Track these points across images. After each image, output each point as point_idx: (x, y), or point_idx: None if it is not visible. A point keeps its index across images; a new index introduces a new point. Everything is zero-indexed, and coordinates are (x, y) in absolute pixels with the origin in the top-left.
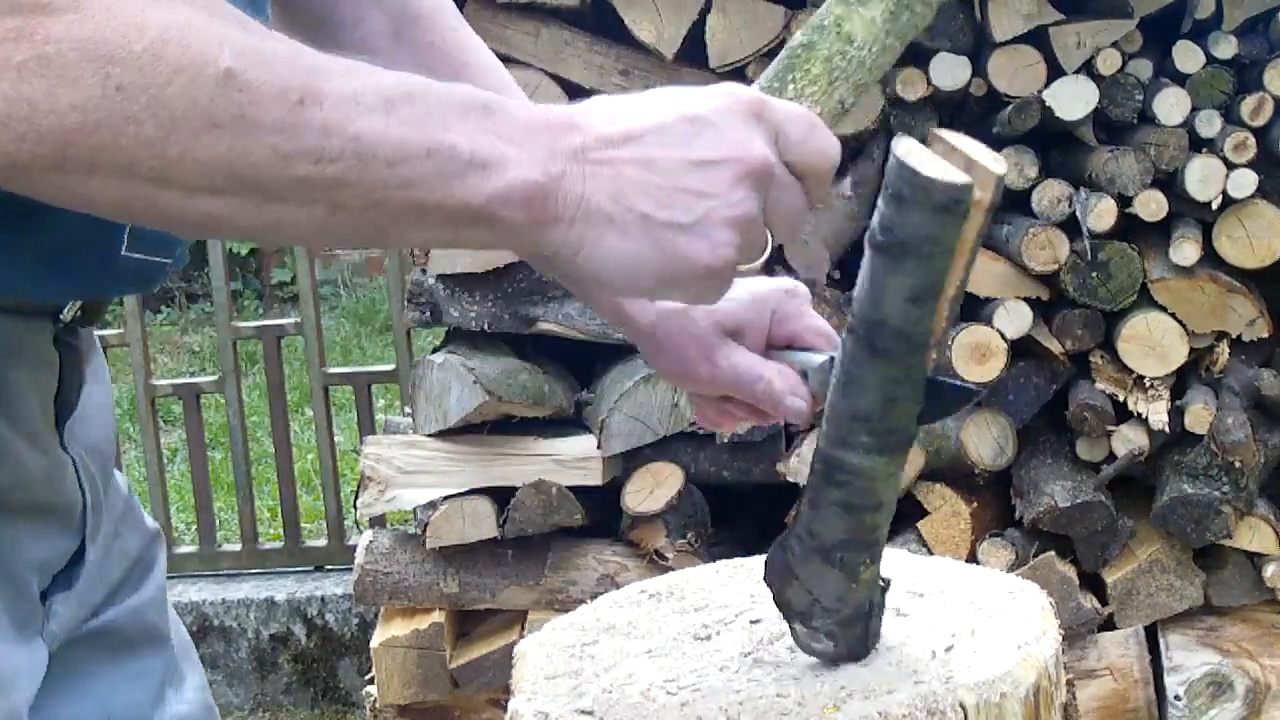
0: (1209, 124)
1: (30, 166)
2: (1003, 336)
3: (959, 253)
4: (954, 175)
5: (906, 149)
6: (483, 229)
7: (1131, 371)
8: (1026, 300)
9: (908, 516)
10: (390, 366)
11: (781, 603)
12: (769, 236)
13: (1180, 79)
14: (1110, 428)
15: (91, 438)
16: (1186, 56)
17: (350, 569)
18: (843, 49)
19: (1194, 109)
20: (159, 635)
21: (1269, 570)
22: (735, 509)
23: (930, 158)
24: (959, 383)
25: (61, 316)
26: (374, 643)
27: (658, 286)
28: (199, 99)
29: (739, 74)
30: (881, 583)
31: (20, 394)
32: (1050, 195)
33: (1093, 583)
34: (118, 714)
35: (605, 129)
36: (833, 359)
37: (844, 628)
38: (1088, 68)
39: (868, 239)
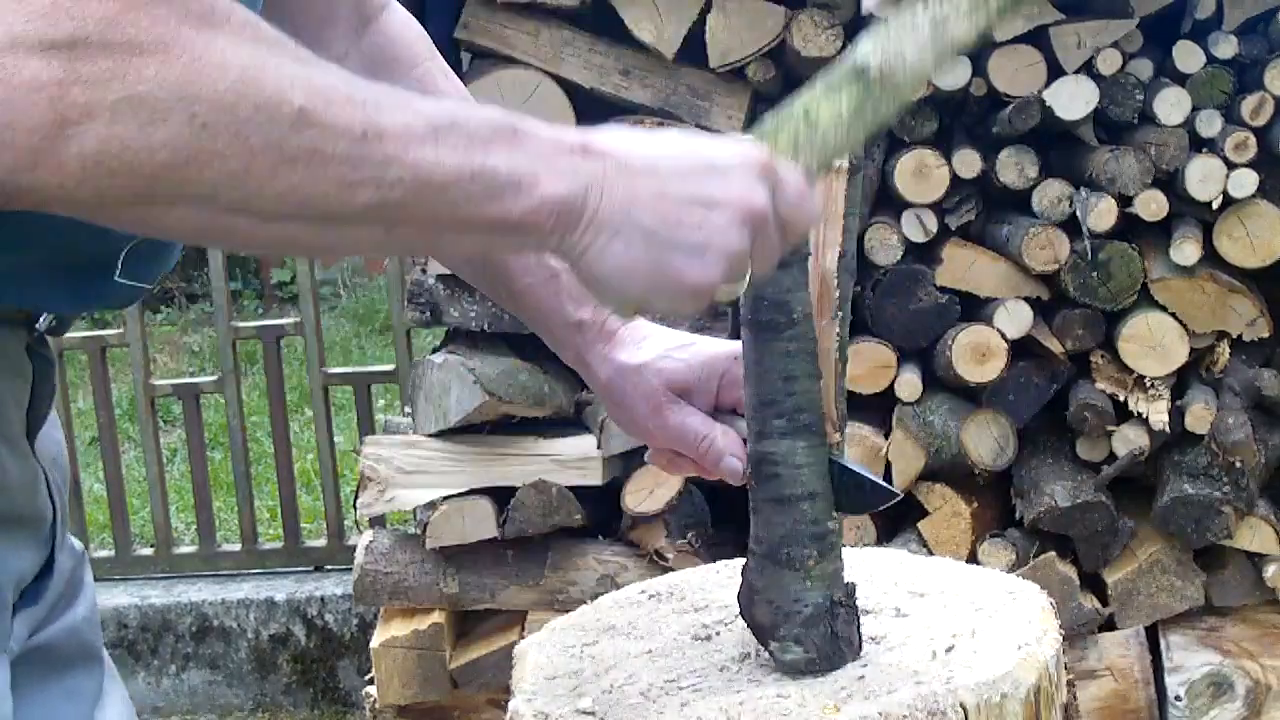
0: (1209, 124)
1: (120, 200)
2: (1003, 336)
3: (824, 224)
4: None
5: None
6: (515, 238)
7: (1132, 371)
8: (1027, 300)
9: (908, 516)
10: (390, 366)
11: (755, 628)
12: (747, 275)
13: (1180, 79)
14: (1110, 428)
15: (51, 451)
16: (1187, 56)
17: (350, 569)
18: (808, 129)
19: (1194, 109)
20: (93, 654)
21: (1269, 570)
22: (735, 509)
23: None
24: (883, 483)
25: (37, 326)
26: (374, 643)
27: (644, 293)
28: (276, 135)
29: (739, 74)
30: (847, 586)
31: (2, 401)
32: (1050, 195)
33: (1093, 583)
34: None
35: (628, 157)
36: None
37: (808, 629)
38: (1088, 68)
39: None
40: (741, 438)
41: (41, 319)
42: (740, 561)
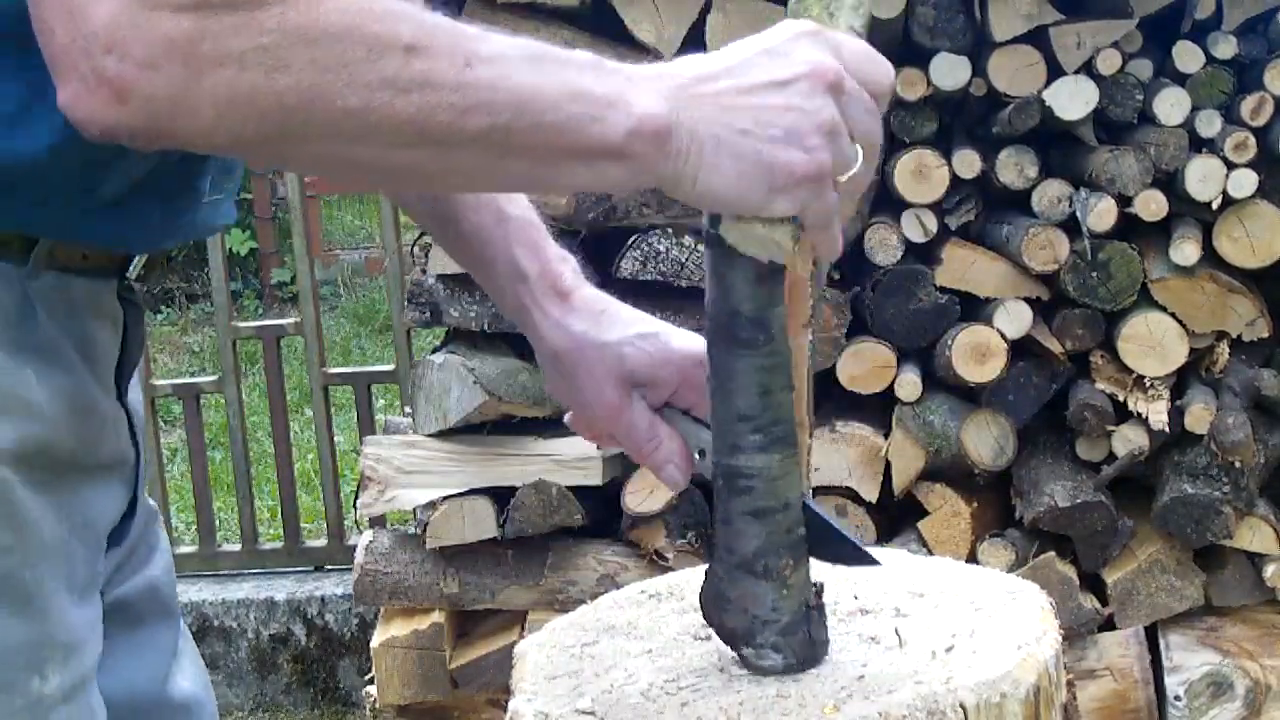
0: (1209, 124)
1: (253, 142)
2: (1003, 336)
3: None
4: None
5: None
6: (620, 165)
7: (1131, 371)
8: (1026, 300)
9: (908, 516)
10: (390, 366)
11: (724, 633)
12: (857, 149)
13: (1180, 79)
14: (1110, 428)
15: (135, 396)
16: (1186, 56)
17: (350, 569)
18: None
19: (1194, 109)
20: (170, 610)
21: (1269, 570)
22: None
23: None
24: (861, 546)
25: (127, 274)
26: (374, 643)
27: (767, 196)
28: (389, 70)
29: None
30: (815, 586)
31: (101, 349)
32: (1050, 195)
33: (1093, 583)
34: (138, 687)
35: (697, 69)
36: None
37: (786, 636)
38: (1088, 68)
39: (705, 239)
40: (686, 446)
41: (132, 265)
42: None
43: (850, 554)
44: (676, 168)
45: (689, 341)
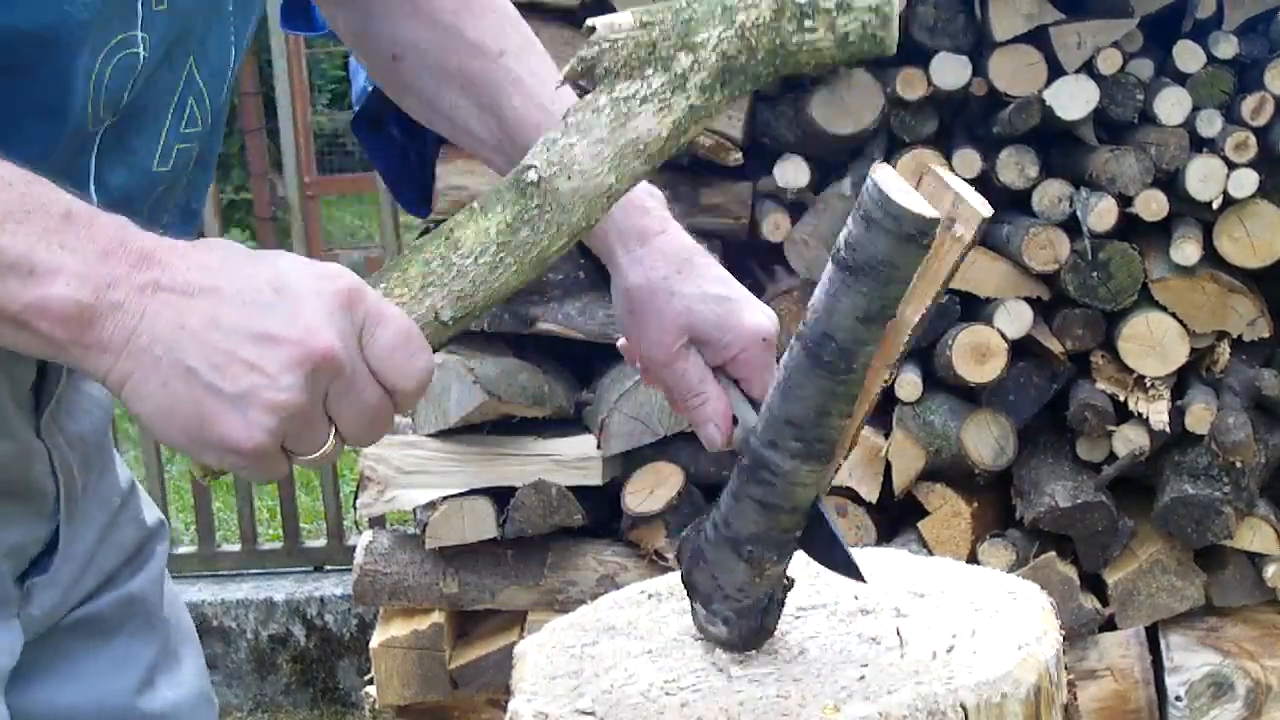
0: (1210, 124)
1: None
2: (1003, 336)
3: (921, 282)
4: (924, 208)
5: (885, 175)
6: (21, 333)
7: (1132, 371)
8: (1027, 300)
9: (908, 517)
10: None
11: (688, 583)
12: (330, 436)
13: (1181, 79)
14: (1110, 428)
15: (76, 428)
16: (1187, 56)
17: (350, 569)
18: (445, 254)
19: (1194, 109)
20: (149, 623)
21: (1269, 570)
22: None
23: (905, 188)
24: (851, 558)
25: None
26: (373, 643)
27: (188, 445)
28: None
29: None
30: (786, 581)
31: None
32: (1050, 195)
33: (1093, 583)
34: (107, 700)
35: (187, 274)
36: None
37: (740, 617)
38: (1088, 67)
39: (832, 254)
40: (730, 410)
41: None
42: None
43: (840, 563)
44: (101, 364)
45: (760, 317)
